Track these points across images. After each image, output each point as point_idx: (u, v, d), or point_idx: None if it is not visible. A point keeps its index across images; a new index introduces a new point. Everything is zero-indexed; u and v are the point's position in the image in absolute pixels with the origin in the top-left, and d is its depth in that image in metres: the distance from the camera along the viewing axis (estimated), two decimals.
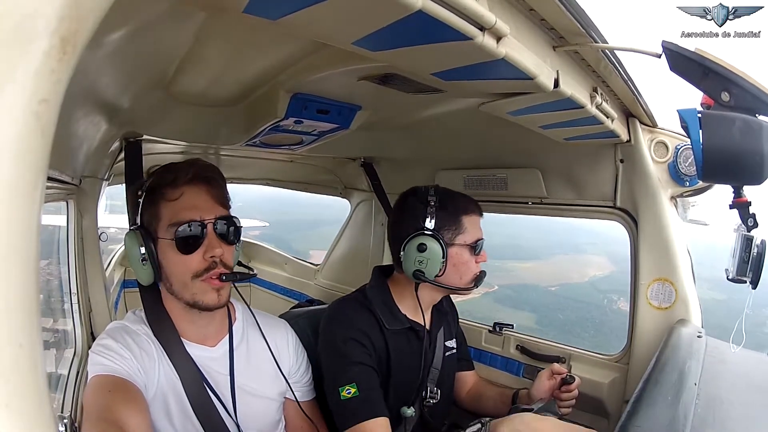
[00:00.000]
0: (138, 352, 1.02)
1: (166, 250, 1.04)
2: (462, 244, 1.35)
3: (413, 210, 1.36)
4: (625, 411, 0.86)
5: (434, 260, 1.31)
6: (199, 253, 1.03)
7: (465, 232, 1.36)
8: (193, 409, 1.05)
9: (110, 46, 0.67)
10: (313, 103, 1.19)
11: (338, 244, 2.68)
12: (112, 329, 1.08)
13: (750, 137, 0.84)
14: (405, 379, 1.36)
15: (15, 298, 0.23)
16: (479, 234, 1.39)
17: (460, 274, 1.37)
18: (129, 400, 0.93)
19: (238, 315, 1.21)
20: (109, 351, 1.00)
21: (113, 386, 0.94)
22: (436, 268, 1.31)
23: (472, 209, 1.39)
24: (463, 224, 1.36)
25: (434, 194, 1.36)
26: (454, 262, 1.35)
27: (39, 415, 0.24)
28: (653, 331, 1.40)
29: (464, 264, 1.36)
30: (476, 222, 1.39)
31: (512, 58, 0.71)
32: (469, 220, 1.37)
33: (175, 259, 1.04)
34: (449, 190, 1.40)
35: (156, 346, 1.06)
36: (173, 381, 1.05)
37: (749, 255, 1.11)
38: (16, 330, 0.23)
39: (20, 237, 0.23)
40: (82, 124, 1.05)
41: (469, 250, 1.36)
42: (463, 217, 1.37)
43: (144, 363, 1.02)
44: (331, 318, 1.35)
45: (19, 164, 0.22)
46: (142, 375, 1.00)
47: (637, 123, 1.39)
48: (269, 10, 0.58)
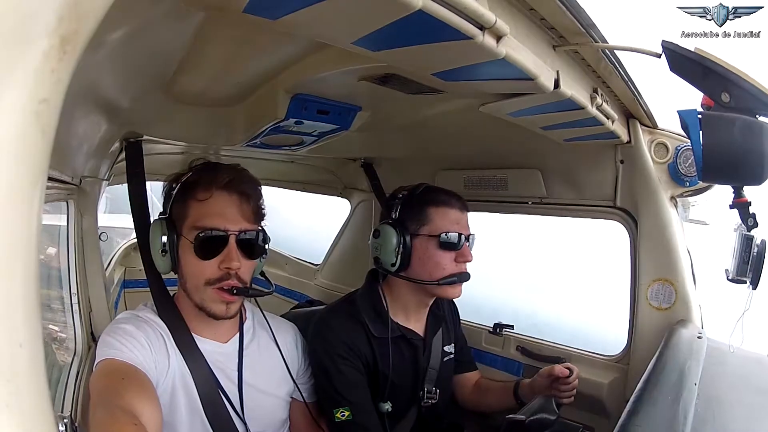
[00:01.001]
0: (156, 344, 1.02)
1: (186, 249, 1.04)
2: (426, 235, 1.29)
3: (388, 205, 1.37)
4: (625, 411, 0.86)
5: (387, 246, 1.29)
6: (216, 261, 1.03)
7: (430, 223, 1.30)
8: (203, 405, 1.04)
9: (110, 46, 0.66)
10: (313, 104, 1.19)
11: (338, 244, 2.68)
12: (128, 317, 1.06)
13: (750, 138, 0.84)
14: (399, 385, 1.33)
15: (15, 297, 0.23)
16: (450, 227, 1.30)
17: (428, 269, 1.30)
18: (143, 391, 0.91)
19: (248, 314, 1.21)
20: (128, 337, 0.98)
21: (126, 374, 0.92)
22: (391, 255, 1.29)
23: (445, 202, 1.32)
24: (428, 215, 1.31)
25: (408, 190, 1.36)
26: (419, 254, 1.30)
27: (39, 415, 0.24)
28: (653, 332, 1.40)
29: (430, 258, 1.29)
30: (448, 215, 1.31)
31: (512, 57, 0.71)
32: (437, 211, 1.31)
33: (193, 262, 1.04)
34: (436, 188, 1.37)
35: (168, 340, 1.05)
36: (185, 376, 1.04)
37: (749, 255, 1.11)
38: (16, 330, 0.23)
39: (20, 237, 0.23)
40: (82, 124, 1.05)
41: (437, 243, 1.29)
42: (430, 207, 1.31)
43: (158, 356, 1.01)
44: (316, 332, 1.32)
45: (19, 164, 0.22)
46: (155, 368, 0.99)
47: (638, 124, 1.39)
48: (269, 9, 0.58)
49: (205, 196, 1.04)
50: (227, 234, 1.02)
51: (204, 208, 1.04)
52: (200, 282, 1.04)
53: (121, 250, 3.22)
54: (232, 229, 1.03)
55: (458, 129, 1.49)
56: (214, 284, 1.03)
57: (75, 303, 1.39)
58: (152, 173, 2.18)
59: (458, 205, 1.34)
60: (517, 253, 6.95)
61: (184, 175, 1.10)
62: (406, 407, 1.38)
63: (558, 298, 6.77)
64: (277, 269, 3.13)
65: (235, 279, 1.03)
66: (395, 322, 1.35)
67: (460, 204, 1.34)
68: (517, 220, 1.99)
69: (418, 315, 1.41)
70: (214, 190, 1.05)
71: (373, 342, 1.30)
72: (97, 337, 1.37)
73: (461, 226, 1.32)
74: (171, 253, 1.05)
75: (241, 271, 1.04)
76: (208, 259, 1.03)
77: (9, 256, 0.22)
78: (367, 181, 2.29)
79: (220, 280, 1.03)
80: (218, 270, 1.03)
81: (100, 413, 0.83)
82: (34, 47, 0.22)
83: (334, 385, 1.24)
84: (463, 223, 1.33)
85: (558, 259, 7.04)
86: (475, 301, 1.99)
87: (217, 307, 1.04)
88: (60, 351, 1.37)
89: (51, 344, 1.46)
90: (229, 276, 1.03)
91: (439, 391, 1.41)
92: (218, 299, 1.03)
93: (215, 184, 1.05)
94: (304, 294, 2.81)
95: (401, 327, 1.36)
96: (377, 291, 1.38)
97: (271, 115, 1.18)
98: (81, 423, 1.09)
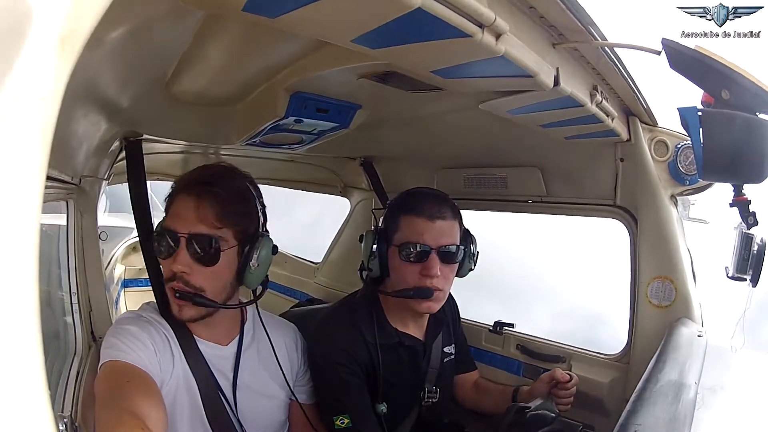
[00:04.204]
0: (160, 345, 1.01)
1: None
2: (394, 244, 1.25)
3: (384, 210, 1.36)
4: (625, 410, 0.86)
5: (365, 254, 1.29)
6: (169, 261, 1.02)
7: (398, 232, 1.25)
8: (204, 407, 1.04)
9: (110, 44, 0.66)
10: (312, 102, 1.19)
11: (338, 243, 2.68)
12: (132, 317, 1.06)
13: (750, 135, 0.84)
14: (398, 389, 1.33)
15: (15, 297, 0.23)
16: (411, 238, 1.21)
17: (397, 279, 1.25)
18: (148, 393, 0.90)
19: (249, 315, 1.20)
20: (133, 338, 0.97)
21: (131, 376, 0.91)
22: (367, 262, 1.29)
23: (413, 209, 1.23)
24: (399, 223, 1.25)
25: (400, 194, 1.34)
26: (391, 264, 1.26)
27: (39, 415, 0.24)
28: (653, 330, 1.40)
29: (396, 269, 1.25)
30: (413, 225, 1.22)
31: (512, 55, 0.71)
32: (405, 219, 1.24)
33: (160, 260, 1.07)
34: (415, 193, 1.32)
35: (172, 340, 1.05)
36: (188, 378, 1.04)
37: (749, 253, 1.12)
38: (15, 330, 0.23)
39: (20, 237, 0.23)
40: (81, 123, 1.05)
41: (399, 253, 1.23)
42: (401, 215, 1.25)
43: (163, 357, 1.01)
44: (315, 340, 1.30)
45: (19, 164, 0.22)
46: (160, 370, 0.99)
47: (638, 122, 1.39)
48: (268, 8, 0.58)
49: (174, 198, 1.05)
50: (177, 235, 1.00)
51: (171, 209, 1.05)
52: (165, 280, 1.05)
53: (123, 248, 3.22)
54: (181, 231, 1.00)
55: (458, 127, 1.49)
56: (167, 283, 1.03)
57: (75, 303, 1.39)
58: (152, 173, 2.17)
59: (428, 213, 1.22)
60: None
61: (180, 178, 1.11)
62: (406, 408, 1.38)
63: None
64: (277, 268, 3.14)
65: (181, 282, 1.00)
66: (394, 327, 1.34)
67: (431, 212, 1.23)
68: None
69: (416, 321, 1.38)
70: (179, 192, 1.05)
71: (371, 348, 1.28)
72: (98, 336, 1.37)
73: (429, 237, 1.22)
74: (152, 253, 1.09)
75: (192, 276, 1.00)
76: (164, 259, 1.03)
77: (9, 256, 0.22)
78: (366, 179, 2.29)
79: (170, 281, 1.02)
80: (169, 270, 1.02)
81: (106, 415, 0.83)
82: (33, 45, 0.22)
83: (333, 392, 1.23)
84: (432, 234, 1.22)
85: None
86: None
87: (172, 306, 1.04)
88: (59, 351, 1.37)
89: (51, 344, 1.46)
90: (176, 278, 1.01)
91: (440, 391, 1.40)
92: (172, 299, 1.03)
93: (181, 185, 1.05)
94: (304, 293, 2.81)
95: (400, 333, 1.34)
96: (375, 296, 1.36)
97: (270, 113, 1.18)
98: (81, 423, 1.09)
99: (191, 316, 1.04)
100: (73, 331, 1.36)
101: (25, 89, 0.22)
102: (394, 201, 1.35)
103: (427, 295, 1.23)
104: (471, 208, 1.45)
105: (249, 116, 1.27)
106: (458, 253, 1.27)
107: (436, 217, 1.23)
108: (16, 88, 0.22)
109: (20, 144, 0.22)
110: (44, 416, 0.24)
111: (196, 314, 1.04)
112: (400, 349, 1.34)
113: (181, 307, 1.02)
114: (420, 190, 1.34)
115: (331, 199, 2.74)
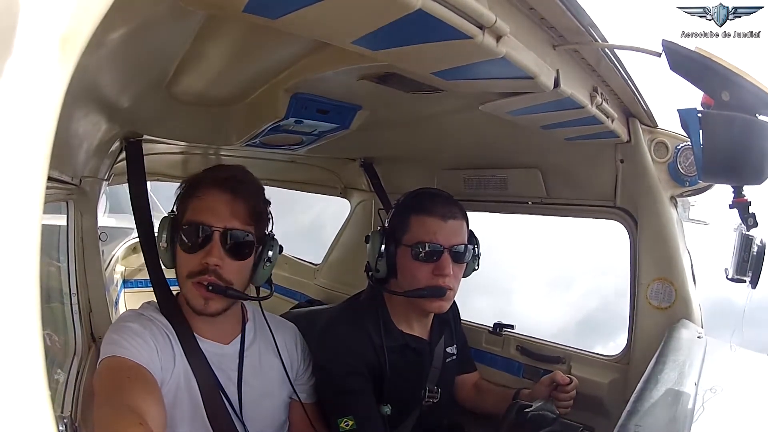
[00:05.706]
0: (162, 344, 1.02)
1: (178, 242, 1.06)
2: (405, 245, 1.26)
3: (388, 211, 1.36)
4: (625, 411, 0.86)
5: (372, 254, 1.29)
6: (199, 255, 1.03)
7: (409, 232, 1.26)
8: (205, 406, 1.04)
9: (110, 45, 0.67)
10: (313, 103, 1.19)
11: (338, 244, 2.68)
12: (134, 315, 1.07)
13: (750, 137, 0.84)
14: (402, 390, 1.32)
15: (15, 298, 0.23)
16: (425, 237, 1.23)
17: (407, 279, 1.26)
18: (148, 390, 0.91)
19: (250, 315, 1.21)
20: (134, 336, 0.98)
21: (131, 373, 0.92)
22: (375, 263, 1.28)
23: (426, 209, 1.25)
24: (409, 223, 1.26)
25: (407, 195, 1.34)
26: (401, 264, 1.27)
27: (39, 415, 0.24)
28: (653, 331, 1.40)
29: (408, 269, 1.26)
30: (425, 224, 1.24)
31: (512, 56, 0.71)
32: (416, 219, 1.25)
33: (180, 254, 1.06)
34: (425, 193, 1.34)
35: (174, 339, 1.05)
36: (188, 377, 1.04)
37: (749, 254, 1.12)
38: (15, 330, 0.23)
39: (20, 237, 0.23)
40: (82, 124, 1.05)
41: (411, 252, 1.24)
42: (411, 215, 1.27)
43: (164, 356, 1.01)
44: (320, 341, 1.30)
45: (19, 164, 0.22)
46: (161, 368, 0.99)
47: (638, 123, 1.39)
48: (269, 9, 0.58)
49: (201, 193, 1.06)
50: (212, 229, 1.02)
51: (197, 203, 1.06)
52: (183, 274, 1.05)
53: (123, 249, 3.22)
54: (217, 226, 1.03)
55: (458, 128, 1.50)
56: (193, 277, 1.03)
57: (75, 303, 1.39)
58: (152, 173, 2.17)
59: (440, 213, 1.25)
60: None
61: (192, 179, 1.12)
62: (408, 408, 1.38)
63: None
64: (277, 269, 3.13)
65: (214, 276, 1.02)
66: (399, 329, 1.34)
67: (443, 212, 1.25)
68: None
69: (422, 322, 1.39)
70: (209, 187, 1.06)
71: (377, 350, 1.28)
72: (97, 337, 1.37)
73: (441, 237, 1.24)
74: (170, 247, 1.08)
75: (224, 270, 1.03)
76: (191, 253, 1.04)
77: (9, 257, 0.22)
78: (367, 180, 2.29)
79: (199, 274, 1.03)
80: (199, 264, 1.03)
81: (105, 410, 0.83)
82: (33, 46, 0.22)
83: (338, 394, 1.23)
84: (444, 234, 1.24)
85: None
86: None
87: (196, 301, 1.04)
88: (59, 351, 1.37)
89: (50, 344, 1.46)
90: (207, 271, 1.02)
91: (441, 391, 1.40)
92: (197, 294, 1.04)
93: (211, 180, 1.07)
94: (304, 294, 2.81)
95: (405, 335, 1.34)
96: (381, 297, 1.36)
97: (271, 114, 1.18)
98: (81, 423, 1.09)
99: (216, 310, 1.06)
100: (73, 331, 1.37)
101: (25, 90, 0.22)
102: (401, 201, 1.35)
103: (441, 294, 1.24)
104: (471, 210, 1.45)
105: (249, 117, 1.27)
106: (467, 252, 1.30)
107: (448, 217, 1.26)
108: (16, 88, 0.22)
109: (21, 145, 0.22)
110: (44, 416, 0.24)
111: (221, 308, 1.07)
112: (406, 350, 1.34)
113: (208, 301, 1.04)
114: (429, 191, 1.36)
115: (330, 200, 2.74)
